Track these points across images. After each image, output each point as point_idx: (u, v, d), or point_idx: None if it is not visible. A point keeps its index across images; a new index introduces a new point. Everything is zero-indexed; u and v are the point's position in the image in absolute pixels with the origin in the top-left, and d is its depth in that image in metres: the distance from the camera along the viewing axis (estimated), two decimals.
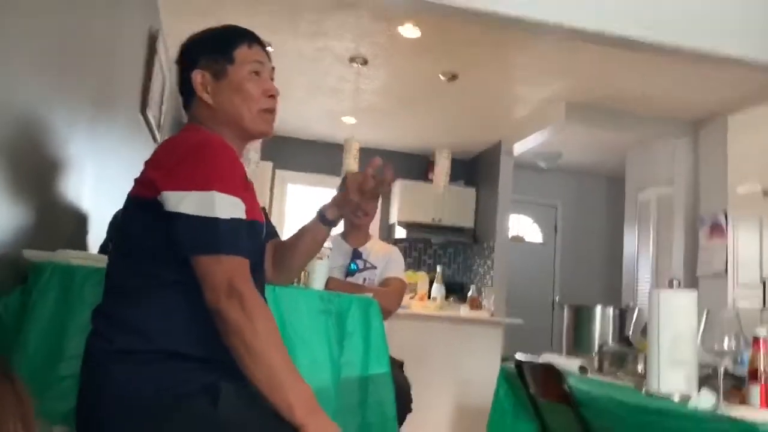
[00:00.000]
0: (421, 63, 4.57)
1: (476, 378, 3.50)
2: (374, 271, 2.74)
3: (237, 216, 1.22)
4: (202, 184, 1.20)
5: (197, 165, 1.23)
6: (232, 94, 1.38)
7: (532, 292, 7.15)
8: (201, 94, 1.38)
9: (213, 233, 1.18)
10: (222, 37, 1.43)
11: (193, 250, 1.19)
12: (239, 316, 1.14)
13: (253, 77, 1.40)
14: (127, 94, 3.22)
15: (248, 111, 1.39)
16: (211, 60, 1.39)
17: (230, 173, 1.25)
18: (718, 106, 4.94)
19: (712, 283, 4.89)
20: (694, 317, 1.75)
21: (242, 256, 1.20)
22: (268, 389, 1.12)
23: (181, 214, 1.18)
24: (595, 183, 7.66)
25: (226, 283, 1.15)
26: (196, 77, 1.38)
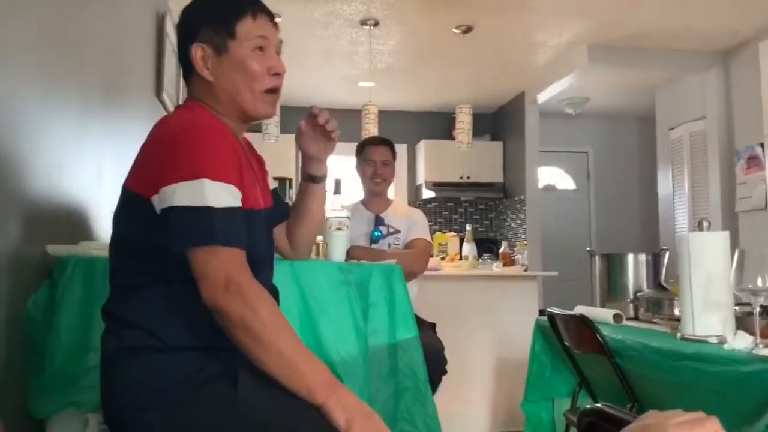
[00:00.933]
0: (434, 18, 4.46)
1: (514, 333, 3.48)
2: (398, 235, 2.73)
3: (231, 204, 1.16)
4: (191, 174, 1.14)
5: (184, 154, 1.17)
6: (233, 72, 1.29)
7: (569, 243, 7.06)
8: (200, 71, 1.30)
9: (207, 223, 1.13)
10: (224, 7, 1.32)
11: (187, 243, 1.13)
12: (241, 310, 1.10)
13: (257, 54, 1.31)
14: (140, 79, 3.22)
15: (250, 92, 1.31)
16: (212, 32, 1.29)
17: (221, 159, 1.18)
18: (747, 32, 4.72)
19: (752, 217, 4.75)
20: (726, 258, 1.70)
21: (239, 246, 1.16)
22: (284, 378, 1.10)
23: (173, 208, 1.14)
24: (626, 125, 7.46)
25: (223, 276, 1.11)
26: (195, 51, 1.30)
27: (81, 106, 2.13)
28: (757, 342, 1.48)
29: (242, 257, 1.16)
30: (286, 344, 1.12)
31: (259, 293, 1.14)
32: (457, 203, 7.29)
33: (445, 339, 2.65)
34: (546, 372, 2.50)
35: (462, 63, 5.18)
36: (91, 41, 2.27)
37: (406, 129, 7.06)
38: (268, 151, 6.10)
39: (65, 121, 1.94)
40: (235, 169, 1.21)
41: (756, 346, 1.46)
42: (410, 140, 7.13)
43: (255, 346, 1.10)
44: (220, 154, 1.19)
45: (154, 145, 1.24)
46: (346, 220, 1.93)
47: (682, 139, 5.72)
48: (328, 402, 1.09)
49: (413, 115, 7.14)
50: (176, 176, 1.14)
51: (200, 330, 1.17)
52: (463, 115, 4.84)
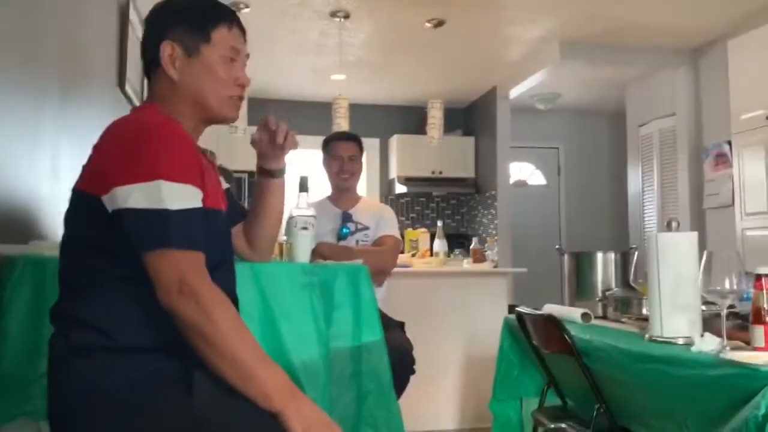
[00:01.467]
0: (405, 12, 4.41)
1: (484, 330, 3.47)
2: (366, 232, 2.70)
3: (189, 206, 1.14)
4: (148, 175, 1.12)
5: (142, 154, 1.14)
6: (201, 74, 1.30)
7: (539, 239, 7.10)
8: (167, 68, 1.29)
9: (162, 226, 1.10)
10: (202, 12, 1.33)
11: (142, 245, 1.11)
12: (195, 313, 1.07)
13: (227, 62, 1.32)
14: (102, 71, 3.12)
15: (215, 94, 1.32)
16: (185, 33, 1.30)
17: (180, 159, 1.16)
18: (716, 31, 4.77)
19: (719, 214, 4.81)
20: (695, 259, 1.69)
21: (196, 249, 1.13)
22: (239, 383, 1.07)
23: (128, 210, 1.11)
24: (597, 121, 7.52)
25: (177, 279, 1.08)
26: (165, 49, 1.29)
27: (35, 98, 2.04)
28: (724, 344, 1.46)
29: (198, 259, 1.13)
30: (242, 349, 1.09)
31: (214, 296, 1.11)
32: (429, 198, 7.28)
33: (414, 336, 2.62)
34: (514, 371, 2.49)
35: (434, 57, 5.15)
36: (47, 30, 2.17)
37: (378, 123, 7.01)
38: (235, 144, 6.01)
39: (16, 115, 1.85)
40: (195, 168, 1.20)
41: (723, 348, 1.45)
42: (382, 134, 7.09)
43: (209, 350, 1.08)
44: (178, 153, 1.17)
45: (108, 145, 1.20)
46: (312, 219, 1.87)
47: (652, 135, 5.78)
48: (285, 410, 1.07)
49: (385, 109, 7.09)
50: (132, 177, 1.12)
51: (155, 330, 1.15)
52: (434, 110, 4.81)
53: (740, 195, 4.31)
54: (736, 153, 4.34)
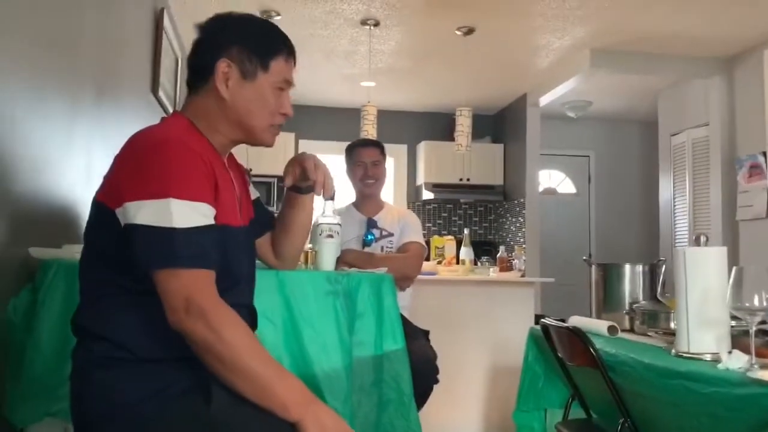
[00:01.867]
0: (435, 19, 4.42)
1: (510, 340, 3.45)
2: (391, 238, 2.70)
3: (199, 224, 1.14)
4: (158, 192, 1.12)
5: (154, 170, 1.15)
6: (252, 99, 1.32)
7: (568, 248, 7.03)
8: (219, 85, 1.30)
9: (169, 245, 1.11)
10: (266, 39, 1.36)
11: (149, 264, 1.12)
12: (205, 333, 1.08)
13: (276, 92, 1.35)
14: (136, 76, 3.19)
15: (261, 120, 1.34)
16: (245, 56, 1.31)
17: (191, 176, 1.16)
18: (751, 39, 4.67)
19: (753, 226, 4.71)
20: (724, 274, 1.66)
21: (203, 267, 1.13)
22: (257, 397, 1.09)
23: (137, 226, 1.12)
24: (628, 129, 7.42)
25: (184, 299, 1.09)
26: (221, 66, 1.30)
27: (70, 103, 2.09)
28: (752, 362, 1.44)
29: (206, 278, 1.13)
30: (255, 364, 1.10)
31: (222, 315, 1.11)
32: (457, 205, 7.26)
33: (439, 344, 2.61)
34: (539, 382, 2.46)
35: (463, 64, 5.15)
36: (85, 37, 2.24)
37: (406, 129, 7.03)
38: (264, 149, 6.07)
39: (53, 119, 1.91)
40: (207, 185, 1.20)
41: (751, 366, 1.42)
42: (411, 141, 7.10)
43: (222, 367, 1.09)
44: (190, 170, 1.17)
45: (125, 157, 1.21)
46: (337, 227, 1.89)
47: (684, 145, 5.68)
48: (303, 419, 1.08)
49: (414, 116, 7.10)
50: (143, 192, 1.13)
51: (172, 342, 1.14)
52: (462, 117, 4.80)
53: None
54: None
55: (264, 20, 1.43)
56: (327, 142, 6.74)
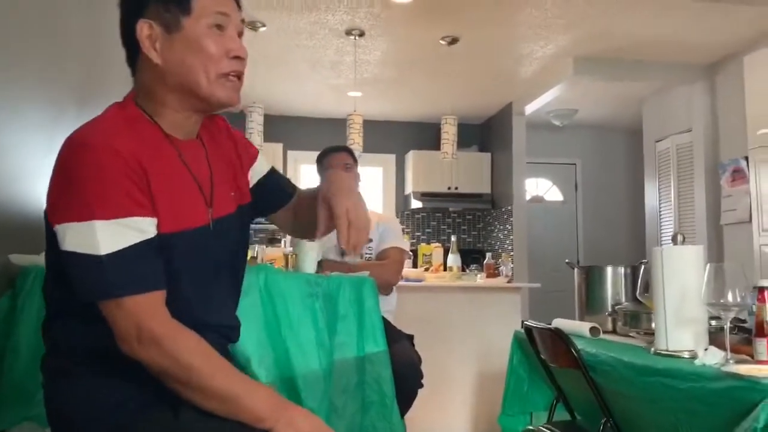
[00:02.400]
0: (419, 29, 4.46)
1: (497, 345, 3.45)
2: (370, 244, 2.69)
3: (132, 242, 1.02)
4: (81, 213, 1.01)
5: (74, 186, 1.02)
6: (185, 53, 1.11)
7: (556, 254, 7.05)
8: (147, 51, 1.11)
9: (100, 275, 1.00)
10: None
11: (86, 295, 1.03)
12: (161, 360, 1.01)
13: (214, 32, 1.13)
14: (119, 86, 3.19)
15: (205, 74, 1.12)
16: (161, 8, 1.11)
17: (114, 188, 1.02)
18: (731, 46, 4.75)
19: (737, 230, 4.76)
20: (700, 273, 1.67)
21: (149, 290, 1.03)
22: (227, 414, 1.04)
23: (67, 253, 1.02)
24: (614, 137, 7.49)
25: (134, 329, 1.01)
26: (141, 28, 1.11)
27: (53, 110, 2.10)
28: (727, 358, 1.46)
29: (153, 302, 1.04)
30: (219, 384, 1.04)
31: (177, 339, 1.04)
32: (445, 213, 7.28)
33: (426, 350, 2.62)
34: (524, 385, 2.47)
35: (449, 74, 5.19)
36: (68, 46, 2.24)
37: (394, 139, 7.06)
38: None
39: (34, 127, 1.91)
40: (138, 193, 1.05)
41: (726, 362, 1.44)
42: (399, 150, 7.13)
43: (185, 390, 1.04)
44: (112, 182, 1.02)
45: (55, 164, 1.08)
46: None
47: (669, 151, 5.74)
48: (277, 425, 1.04)
49: (402, 125, 7.14)
50: (67, 213, 1.02)
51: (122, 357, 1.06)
52: (448, 126, 4.83)
53: (758, 211, 4.27)
54: (753, 169, 4.30)
55: None
56: (314, 152, 6.70)
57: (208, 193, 1.18)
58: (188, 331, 1.06)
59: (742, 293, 1.47)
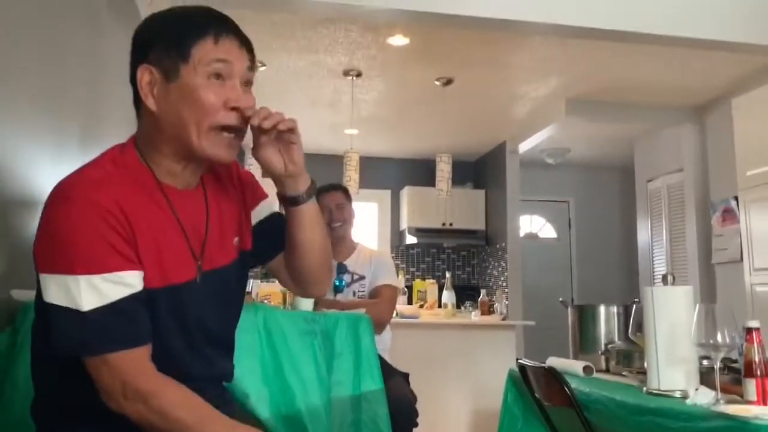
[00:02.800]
0: (416, 70, 4.56)
1: (490, 383, 3.46)
2: (363, 281, 2.71)
3: (114, 298, 0.99)
4: (64, 266, 0.99)
5: (57, 237, 1.00)
6: (180, 102, 1.06)
7: (551, 292, 7.07)
8: (145, 97, 1.08)
9: (81, 332, 0.98)
10: (182, 23, 1.10)
11: (68, 350, 1.01)
12: (150, 417, 1.00)
13: (213, 82, 1.07)
14: (119, 123, 3.25)
15: (196, 127, 1.07)
16: (163, 54, 1.07)
17: (98, 243, 0.99)
18: (720, 89, 4.87)
19: (729, 269, 4.81)
20: (690, 312, 1.71)
21: (133, 346, 1.01)
22: None
23: (47, 305, 1.00)
24: (606, 176, 7.59)
25: (119, 384, 0.99)
26: (142, 74, 1.08)
27: (55, 148, 2.14)
28: (718, 397, 1.48)
29: (138, 358, 1.02)
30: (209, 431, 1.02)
31: (164, 394, 1.01)
32: (440, 249, 7.32)
33: (421, 387, 2.63)
34: (518, 424, 2.48)
35: (444, 113, 5.28)
36: (71, 84, 2.30)
37: (390, 175, 7.14)
38: None
39: (37, 164, 1.95)
40: (120, 249, 1.02)
41: (717, 401, 1.47)
42: (394, 186, 7.20)
43: None
44: (96, 236, 1.00)
45: (43, 212, 1.06)
46: None
47: (660, 190, 5.82)
48: None
49: (397, 162, 7.22)
50: (50, 264, 1.00)
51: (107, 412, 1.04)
52: (442, 164, 4.91)
53: (748, 250, 4.32)
54: (743, 208, 4.37)
55: (174, 8, 1.16)
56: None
57: (197, 245, 1.14)
58: (175, 384, 1.04)
59: (732, 333, 1.51)
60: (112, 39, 2.95)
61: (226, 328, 1.23)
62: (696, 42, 3.26)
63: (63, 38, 2.20)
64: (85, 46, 2.48)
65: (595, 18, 3.10)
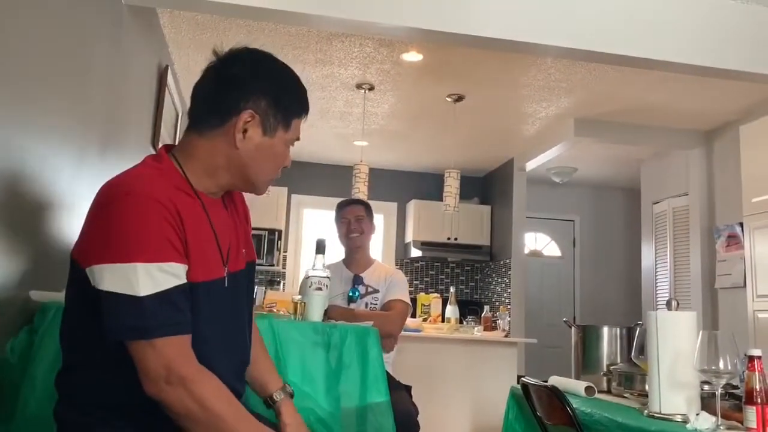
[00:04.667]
0: (427, 86, 4.62)
1: (491, 399, 3.49)
2: (376, 295, 2.76)
3: (168, 286, 1.08)
4: (121, 255, 1.06)
5: (115, 230, 1.08)
6: (265, 155, 1.25)
7: (554, 310, 7.10)
8: (237, 133, 1.22)
9: (138, 315, 1.05)
10: (294, 97, 1.30)
11: (120, 334, 1.07)
12: (189, 404, 1.06)
13: (288, 149, 1.31)
14: (138, 129, 3.31)
15: (267, 175, 1.28)
16: (269, 109, 1.24)
17: (155, 234, 1.08)
18: (728, 115, 4.91)
19: (732, 294, 4.82)
20: (693, 338, 1.74)
21: (180, 333, 1.09)
22: None
23: (103, 293, 1.06)
24: (612, 196, 7.62)
25: (164, 370, 1.05)
26: (244, 116, 1.22)
27: (77, 153, 2.20)
28: (718, 423, 1.51)
29: (183, 344, 1.09)
30: (240, 428, 1.09)
31: (205, 383, 1.09)
32: (444, 263, 7.34)
33: (422, 401, 2.65)
34: None
35: (453, 129, 5.33)
36: (93, 91, 2.36)
37: (397, 188, 7.18)
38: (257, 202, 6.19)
39: (59, 168, 2.00)
40: (175, 240, 1.12)
41: (717, 427, 1.49)
42: (401, 199, 7.24)
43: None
44: (154, 228, 1.09)
45: (92, 210, 1.15)
46: (326, 279, 1.97)
47: (666, 213, 5.85)
48: None
49: (405, 175, 7.27)
50: (106, 255, 1.07)
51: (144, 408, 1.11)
52: (451, 179, 4.95)
53: (752, 277, 4.34)
54: (747, 235, 4.39)
55: (292, 74, 1.32)
56: (319, 197, 6.90)
57: (225, 249, 1.26)
58: (214, 377, 1.11)
59: (734, 360, 1.54)
60: (133, 48, 3.01)
61: (244, 324, 1.34)
62: (704, 70, 3.30)
63: (87, 47, 2.25)
64: (107, 55, 2.54)
65: (607, 43, 3.14)
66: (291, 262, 6.86)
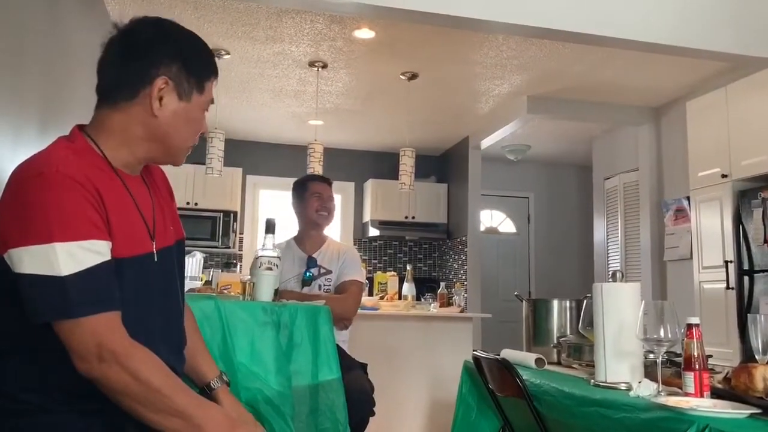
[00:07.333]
0: (381, 64, 4.59)
1: (448, 374, 3.54)
2: (329, 276, 2.73)
3: (92, 263, 1.06)
4: (40, 236, 1.03)
5: (31, 211, 1.05)
6: (183, 121, 1.24)
7: (509, 285, 7.21)
8: (152, 101, 1.20)
9: (61, 294, 1.03)
10: (205, 59, 1.29)
11: (44, 315, 1.04)
12: (123, 378, 1.04)
13: (203, 114, 1.30)
14: (82, 107, 3.20)
15: (185, 141, 1.27)
16: (182, 75, 1.23)
17: (73, 212, 1.06)
18: (676, 92, 5.03)
19: (679, 266, 4.98)
20: (637, 308, 1.78)
21: (106, 309, 1.06)
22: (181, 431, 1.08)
23: (24, 276, 1.03)
24: (566, 172, 7.75)
25: (95, 347, 1.03)
26: (158, 83, 1.20)
27: (14, 133, 2.11)
28: (659, 390, 1.56)
29: (113, 320, 1.08)
30: (176, 399, 1.08)
31: (137, 356, 1.07)
32: (402, 242, 7.38)
33: (379, 378, 2.67)
34: (472, 414, 2.53)
35: (408, 107, 5.33)
36: (27, 70, 2.26)
37: (353, 167, 7.16)
38: (209, 182, 6.08)
39: None
40: (95, 217, 1.10)
41: (658, 393, 1.54)
42: (358, 178, 7.22)
43: (143, 408, 1.06)
44: (72, 205, 1.07)
45: (5, 194, 1.10)
46: (276, 260, 1.95)
47: (617, 188, 5.98)
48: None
49: (362, 154, 7.24)
50: (24, 237, 1.04)
51: (78, 390, 1.08)
52: (406, 158, 4.95)
53: (698, 249, 4.48)
54: (694, 208, 4.53)
55: (197, 37, 1.31)
56: (273, 177, 6.82)
57: (151, 225, 1.25)
58: (146, 350, 1.10)
59: (675, 329, 1.58)
60: (73, 26, 2.90)
61: (176, 301, 1.33)
62: (652, 46, 3.36)
63: (20, 26, 2.16)
64: (44, 30, 2.44)
65: (556, 20, 3.17)
66: (248, 244, 6.79)
